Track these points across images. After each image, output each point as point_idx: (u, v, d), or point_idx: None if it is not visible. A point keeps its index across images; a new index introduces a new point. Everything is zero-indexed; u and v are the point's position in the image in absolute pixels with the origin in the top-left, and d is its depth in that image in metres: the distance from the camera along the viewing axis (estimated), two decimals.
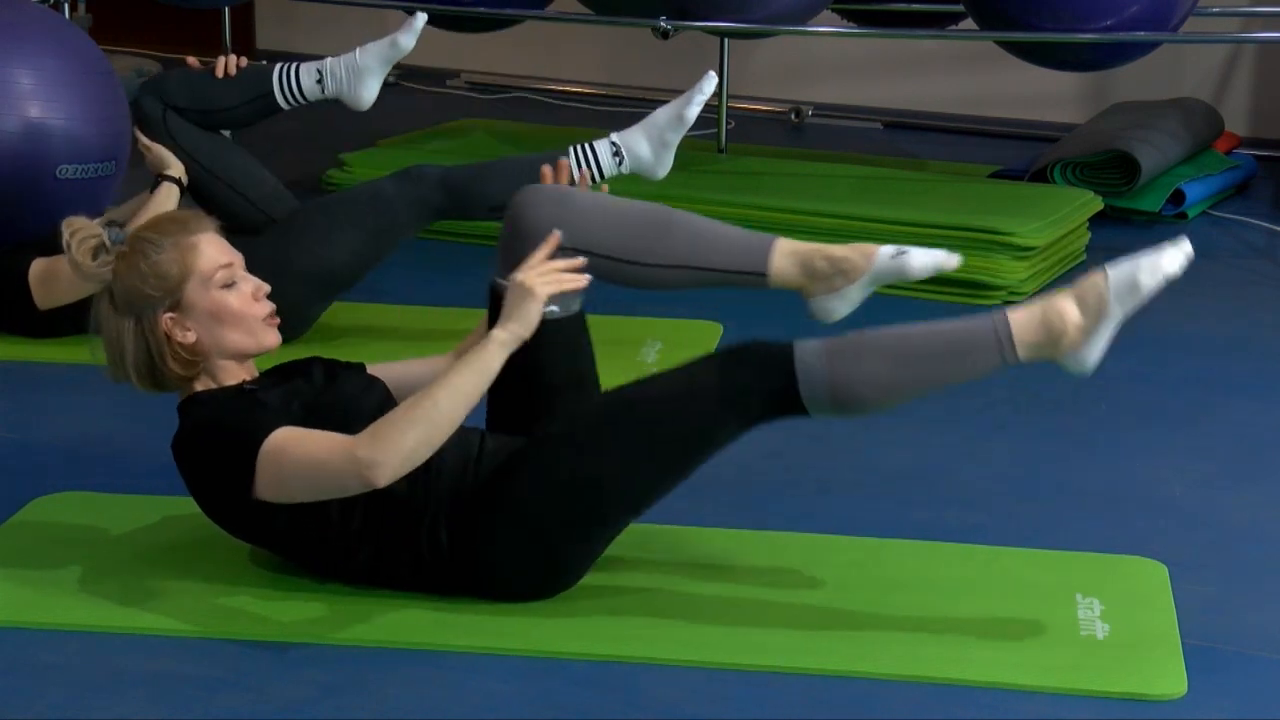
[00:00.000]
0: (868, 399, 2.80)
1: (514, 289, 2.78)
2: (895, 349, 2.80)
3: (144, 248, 2.86)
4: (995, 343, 2.76)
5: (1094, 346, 2.79)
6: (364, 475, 2.66)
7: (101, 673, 2.67)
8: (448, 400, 2.69)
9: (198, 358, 2.88)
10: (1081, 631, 2.82)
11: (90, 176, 4.43)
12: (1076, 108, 6.60)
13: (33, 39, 4.41)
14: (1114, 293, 2.78)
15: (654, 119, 4.01)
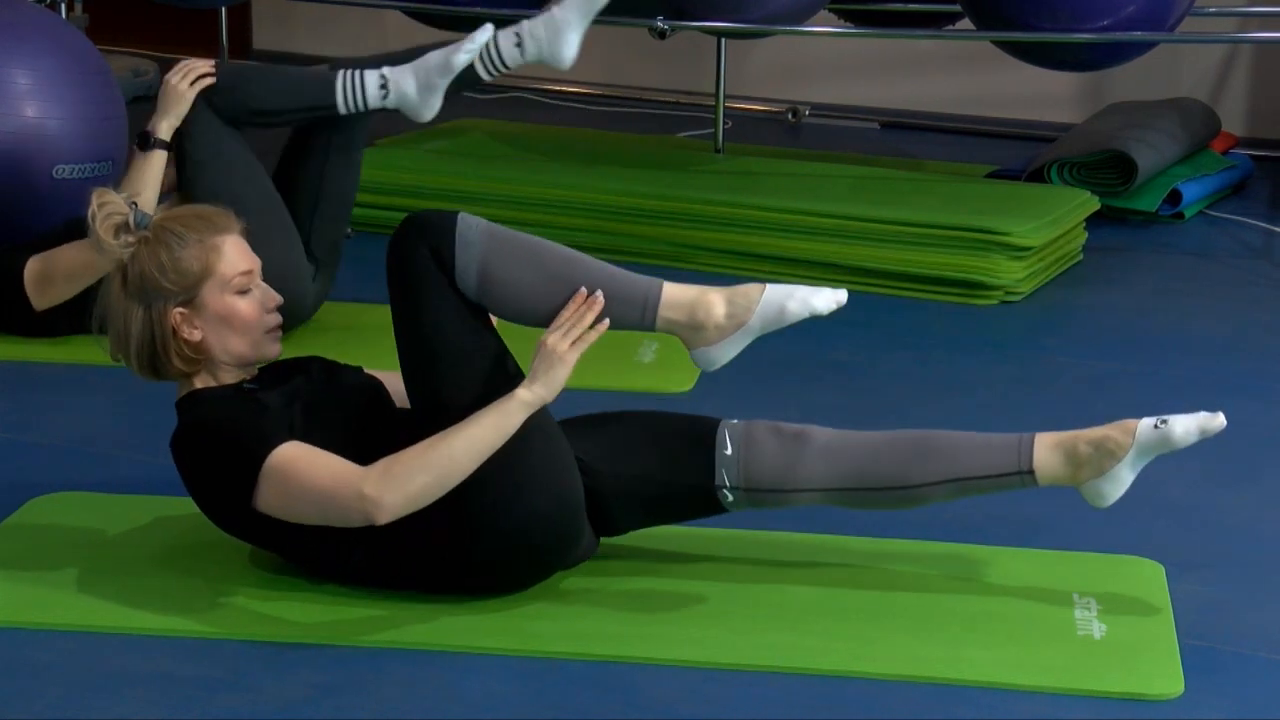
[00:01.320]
0: (507, 298, 2.79)
1: (544, 353, 2.77)
2: (550, 267, 2.79)
3: (168, 239, 2.86)
4: (641, 301, 2.80)
5: (725, 350, 2.83)
6: (368, 513, 2.69)
7: (99, 673, 2.67)
8: (464, 453, 2.71)
9: (200, 356, 2.88)
10: (1079, 631, 2.82)
11: (87, 176, 4.42)
12: (1073, 108, 6.60)
13: (29, 39, 4.42)
14: (760, 309, 2.81)
15: (425, 60, 4.03)
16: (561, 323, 2.78)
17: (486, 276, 2.78)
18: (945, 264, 4.66)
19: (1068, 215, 4.92)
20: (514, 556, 2.84)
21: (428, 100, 4.04)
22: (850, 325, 4.42)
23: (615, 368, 4.04)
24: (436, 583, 2.86)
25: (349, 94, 4.02)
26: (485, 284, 2.79)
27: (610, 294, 2.79)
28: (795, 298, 2.80)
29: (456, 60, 3.99)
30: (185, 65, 4.04)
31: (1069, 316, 4.60)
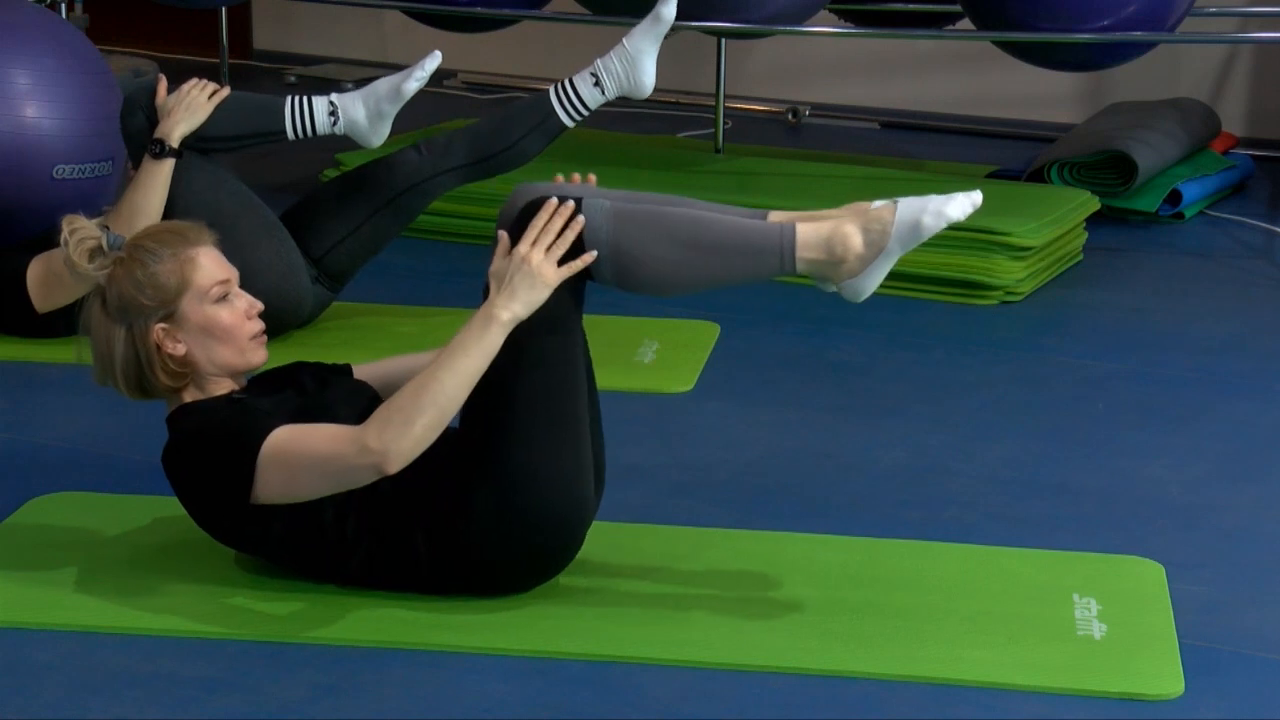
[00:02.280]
0: (647, 277, 2.79)
1: (525, 269, 2.74)
2: (681, 234, 2.78)
3: (142, 256, 2.86)
4: (778, 249, 2.78)
5: (870, 278, 2.80)
6: (378, 464, 2.67)
7: (97, 673, 2.67)
8: (453, 382, 2.70)
9: (186, 370, 2.88)
10: (1078, 631, 2.82)
11: (87, 176, 4.44)
12: (1074, 108, 6.60)
13: (30, 39, 4.42)
14: (897, 230, 2.77)
15: (375, 87, 4.06)
16: (536, 230, 2.75)
17: (620, 262, 2.77)
18: (945, 264, 4.66)
19: (1068, 215, 4.91)
20: (520, 556, 2.83)
21: (377, 127, 4.07)
22: (850, 325, 4.44)
23: (615, 368, 4.03)
24: (436, 584, 2.86)
25: (298, 121, 4.03)
26: (620, 269, 2.78)
27: (746, 248, 2.77)
28: (929, 210, 2.75)
29: (406, 88, 4.03)
30: (200, 81, 4.05)
31: (1069, 316, 4.59)
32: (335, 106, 4.02)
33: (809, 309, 4.55)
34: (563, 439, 2.79)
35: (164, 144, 3.96)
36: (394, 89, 4.02)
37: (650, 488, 3.38)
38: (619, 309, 4.29)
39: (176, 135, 3.96)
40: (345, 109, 4.03)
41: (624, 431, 3.58)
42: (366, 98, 4.04)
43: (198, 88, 4.00)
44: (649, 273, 2.78)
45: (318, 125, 4.03)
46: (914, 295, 4.67)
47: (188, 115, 3.97)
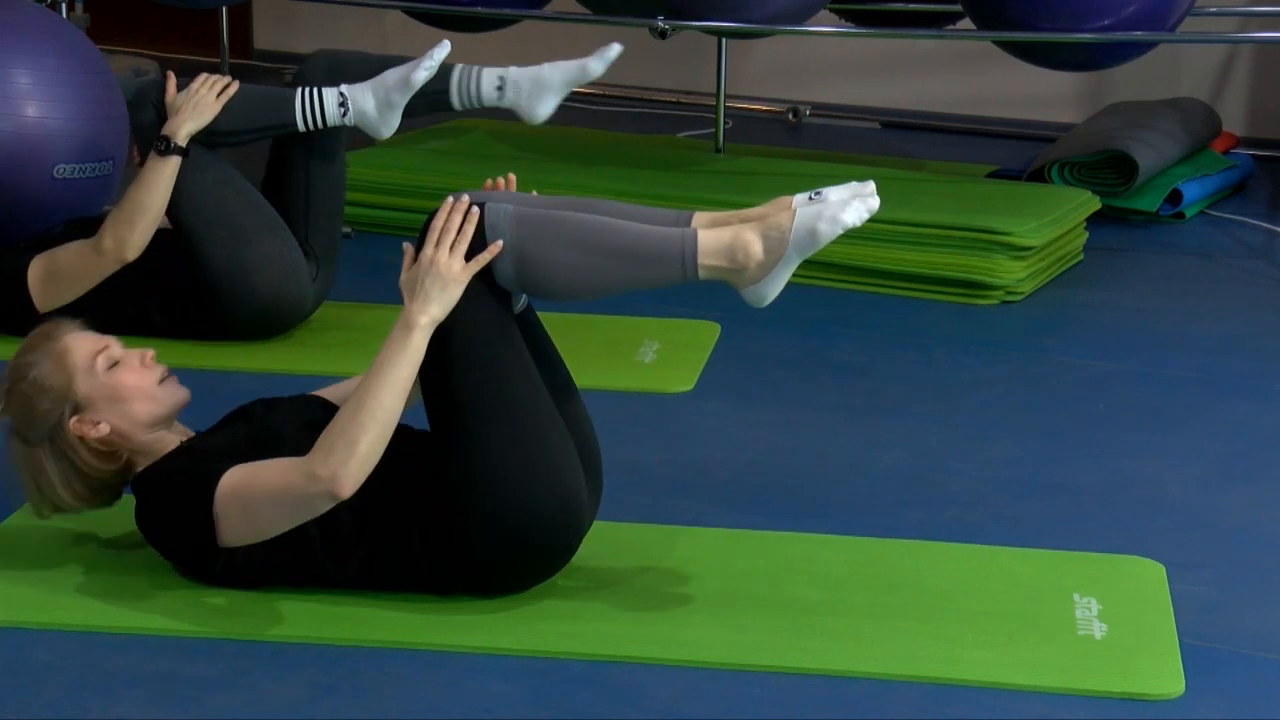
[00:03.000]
0: (547, 280, 2.79)
1: (434, 272, 2.74)
2: (585, 241, 2.78)
3: (22, 372, 2.89)
4: (679, 257, 2.78)
5: (772, 284, 2.80)
6: (330, 490, 2.68)
7: (97, 673, 2.67)
8: (387, 395, 2.70)
9: (117, 445, 2.89)
10: (1079, 631, 2.82)
11: (87, 176, 4.43)
12: (1074, 108, 6.60)
13: (30, 39, 4.42)
14: (794, 237, 2.77)
15: (384, 78, 4.05)
16: (435, 232, 2.75)
17: (523, 266, 2.77)
18: (946, 264, 4.66)
19: (1068, 215, 4.91)
20: (515, 557, 2.83)
21: (386, 118, 4.06)
22: (850, 325, 4.44)
23: (616, 368, 4.04)
24: (435, 584, 2.85)
25: (308, 112, 4.03)
26: (522, 273, 2.78)
27: (647, 255, 2.77)
28: (824, 218, 2.76)
29: (415, 78, 4.01)
30: (210, 77, 4.04)
31: (1070, 316, 4.59)
32: (345, 97, 4.02)
33: (809, 309, 4.55)
34: (526, 438, 2.78)
35: (170, 141, 3.95)
36: (403, 79, 4.01)
37: (650, 487, 3.38)
38: (619, 309, 4.30)
39: (183, 133, 3.96)
40: (355, 100, 4.03)
41: (624, 431, 3.59)
42: (376, 88, 4.03)
43: (206, 85, 3.99)
44: (549, 275, 2.78)
45: (328, 116, 4.03)
46: (914, 295, 4.67)
47: (195, 113, 3.97)
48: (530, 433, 2.79)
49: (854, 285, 4.74)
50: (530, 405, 2.80)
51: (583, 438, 2.93)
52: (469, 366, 2.77)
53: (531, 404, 2.80)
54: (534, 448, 2.78)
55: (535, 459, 2.78)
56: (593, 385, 3.61)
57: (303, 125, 4.03)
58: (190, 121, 3.96)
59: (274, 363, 4.03)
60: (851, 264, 4.73)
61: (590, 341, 4.14)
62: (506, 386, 2.79)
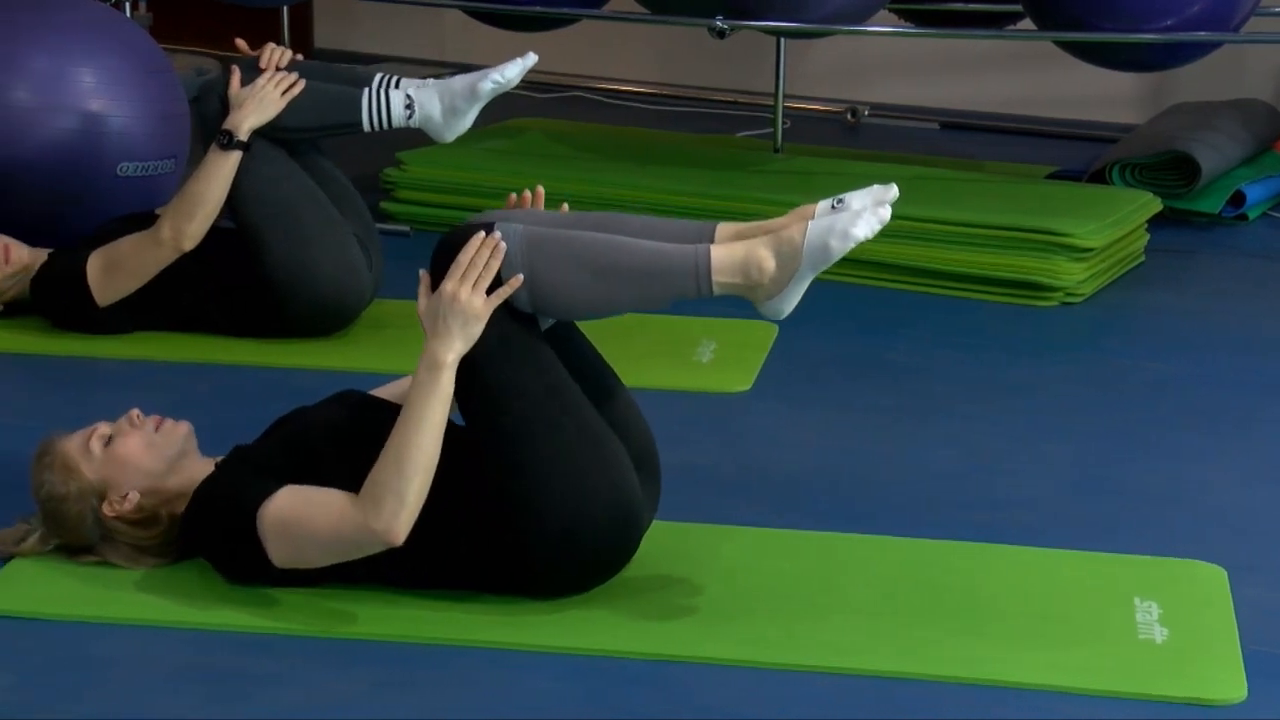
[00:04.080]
0: (562, 303, 2.79)
1: (455, 308, 2.73)
2: (596, 262, 2.77)
3: (41, 497, 2.92)
4: (693, 275, 2.77)
5: (787, 299, 2.79)
6: (385, 541, 2.71)
7: (159, 667, 2.69)
8: (426, 439, 2.71)
9: (153, 508, 2.91)
10: (1139, 635, 2.81)
11: (149, 174, 4.48)
12: (1135, 108, 6.57)
13: (95, 38, 4.47)
14: (807, 253, 2.75)
15: (451, 84, 4.05)
16: (461, 267, 2.74)
17: (536, 290, 2.77)
18: (1005, 265, 4.65)
19: (1129, 217, 4.89)
20: (574, 567, 2.84)
21: (451, 123, 4.07)
22: (908, 326, 4.44)
23: (673, 368, 4.04)
24: (497, 589, 2.86)
25: (374, 113, 4.04)
26: (536, 297, 2.78)
27: (661, 275, 2.77)
28: (835, 233, 2.74)
29: (482, 88, 4.02)
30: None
31: (1130, 318, 4.58)
32: (411, 100, 4.03)
33: (868, 309, 4.56)
34: (575, 454, 2.78)
35: (232, 136, 3.96)
36: (470, 88, 4.02)
37: (706, 487, 3.38)
38: (677, 310, 4.29)
39: (245, 128, 3.97)
40: (421, 104, 4.04)
41: (681, 430, 3.59)
42: (443, 94, 4.04)
43: (272, 83, 4.00)
44: (563, 298, 2.78)
45: (394, 119, 4.04)
46: (973, 296, 4.66)
47: (259, 109, 3.98)
48: (578, 448, 2.78)
49: (913, 286, 4.73)
50: (573, 421, 2.80)
51: (634, 436, 2.92)
52: (504, 394, 2.78)
53: (574, 420, 2.80)
54: (584, 462, 2.79)
55: (587, 473, 2.78)
56: (650, 385, 3.62)
57: (368, 126, 4.05)
58: (253, 117, 3.97)
59: (331, 360, 4.04)
60: (910, 265, 4.72)
61: (648, 341, 4.15)
62: (546, 407, 2.79)
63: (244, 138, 3.97)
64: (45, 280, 4.09)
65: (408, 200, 5.24)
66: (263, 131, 3.99)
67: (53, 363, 4.02)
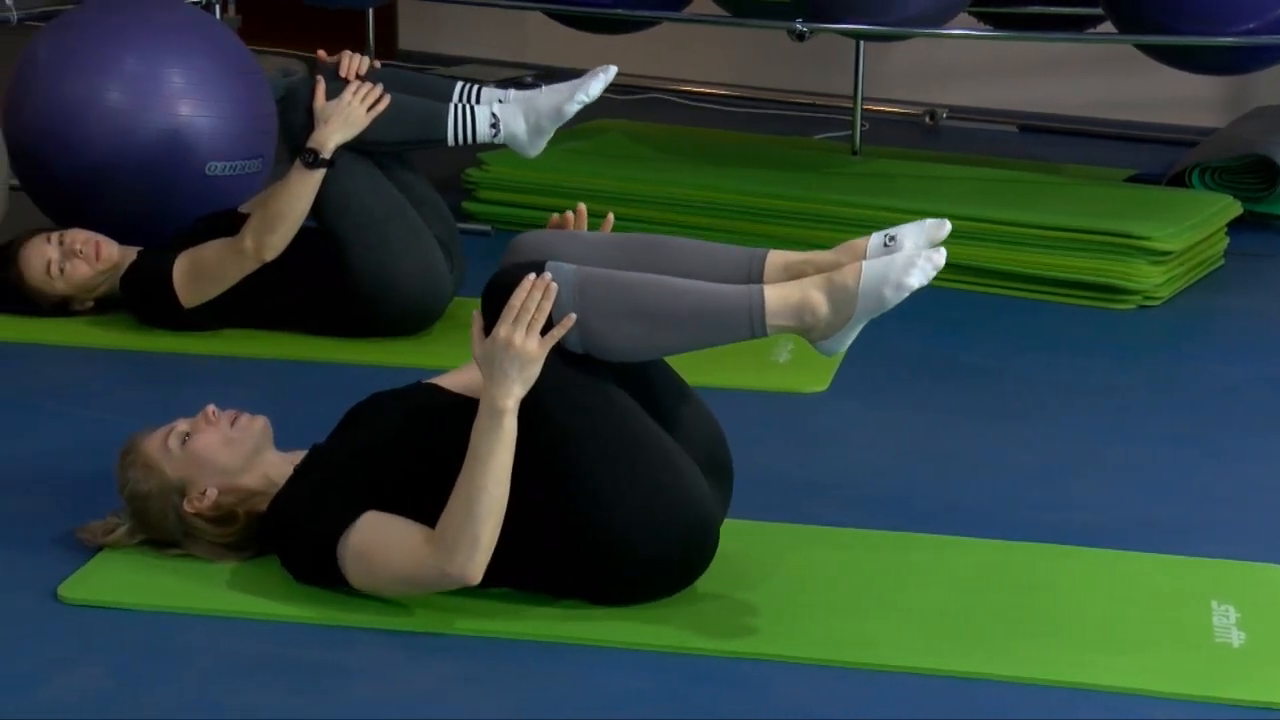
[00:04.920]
0: (613, 348, 2.80)
1: (510, 353, 2.74)
2: (649, 307, 2.77)
3: (124, 492, 2.97)
4: (747, 319, 2.77)
5: (840, 340, 2.81)
6: (460, 582, 2.75)
7: (241, 658, 2.73)
8: (493, 482, 2.73)
9: (230, 505, 2.95)
10: (1216, 638, 2.80)
11: (237, 173, 4.53)
12: (1216, 111, 6.53)
13: (184, 39, 4.53)
14: (861, 302, 2.76)
15: (536, 102, 4.08)
16: (514, 311, 2.74)
17: (588, 338, 2.78)
18: (1083, 268, 4.64)
19: (1209, 220, 4.87)
20: (650, 582, 2.86)
21: (535, 141, 4.11)
22: (985, 327, 4.44)
23: (751, 367, 4.05)
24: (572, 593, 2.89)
25: (459, 128, 4.07)
26: (588, 343, 2.79)
27: (714, 320, 2.78)
28: (889, 283, 2.74)
29: (567, 109, 4.05)
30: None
31: (1208, 321, 4.56)
32: (497, 118, 4.06)
33: (945, 311, 4.55)
34: (645, 476, 2.79)
35: (317, 155, 3.98)
36: (555, 108, 4.05)
37: (783, 487, 3.39)
38: None
39: (331, 145, 3.99)
40: (507, 122, 4.07)
41: (758, 430, 3.61)
42: (528, 113, 4.07)
43: (357, 98, 4.02)
44: (615, 343, 2.79)
45: (478, 135, 4.08)
46: (1050, 299, 4.66)
47: (344, 127, 4.00)
48: (647, 469, 2.79)
49: (990, 288, 4.73)
50: (641, 445, 2.81)
51: (703, 439, 2.93)
52: (568, 426, 2.78)
53: (642, 444, 2.81)
54: (656, 484, 2.79)
55: (660, 494, 2.79)
56: (728, 385, 3.65)
57: (453, 141, 4.09)
58: (339, 134, 3.99)
59: (411, 357, 4.06)
60: (988, 267, 4.72)
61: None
62: (610, 434, 2.79)
63: (328, 155, 3.99)
64: (133, 280, 4.15)
65: (489, 200, 5.28)
66: (347, 144, 4.03)
67: (141, 358, 4.07)
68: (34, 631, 2.79)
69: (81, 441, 3.55)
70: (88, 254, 4.17)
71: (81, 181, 4.45)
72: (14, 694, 2.61)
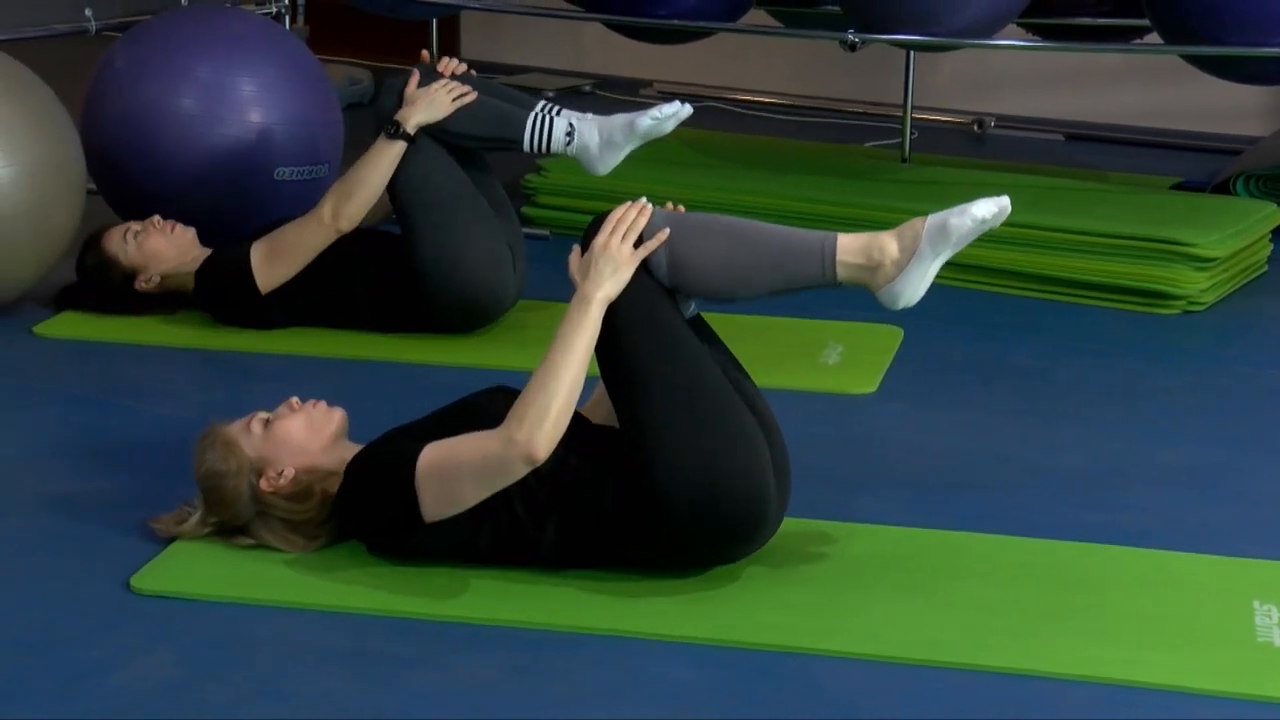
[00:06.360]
0: (698, 273, 2.93)
1: (607, 254, 2.91)
2: (732, 235, 2.94)
3: (203, 473, 3.03)
4: (819, 253, 2.91)
5: (908, 282, 2.91)
6: (527, 454, 2.81)
7: (304, 648, 2.78)
8: (570, 365, 2.85)
9: (308, 481, 3.02)
10: (1258, 637, 2.82)
11: (305, 179, 4.60)
12: (1261, 120, 6.53)
13: (254, 48, 4.60)
14: (927, 233, 2.89)
15: (612, 118, 4.15)
16: (613, 223, 2.93)
17: (675, 260, 2.93)
18: (1128, 273, 4.65)
19: (1253, 227, 4.87)
20: (705, 532, 2.90)
21: (605, 157, 4.18)
22: (1031, 331, 4.45)
23: (801, 369, 4.09)
24: (626, 559, 2.95)
25: (536, 133, 4.16)
26: (675, 267, 2.93)
27: (790, 250, 2.93)
28: (954, 211, 2.90)
29: (640, 123, 4.11)
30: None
31: (1252, 327, 4.56)
32: (573, 129, 4.15)
33: (991, 315, 4.58)
34: (707, 405, 2.89)
35: (400, 127, 4.11)
36: (628, 124, 4.12)
37: (833, 485, 3.42)
38: (805, 312, 4.35)
39: (413, 123, 4.11)
40: (581, 133, 4.15)
41: (809, 430, 3.63)
42: (602, 128, 4.15)
43: (445, 89, 4.15)
44: (699, 268, 2.93)
45: (553, 144, 4.16)
46: (1096, 304, 4.67)
47: (428, 109, 4.12)
48: (709, 400, 2.89)
49: (1037, 293, 4.75)
50: (706, 375, 2.92)
51: (768, 430, 2.98)
52: (643, 341, 2.91)
53: (707, 374, 2.92)
54: (721, 429, 2.88)
55: (722, 438, 2.87)
56: (778, 385, 3.67)
57: (528, 146, 4.18)
58: (422, 114, 4.12)
59: (473, 357, 4.12)
60: (1035, 272, 4.75)
61: (776, 343, 4.20)
62: (681, 359, 2.91)
63: (410, 131, 4.10)
64: (209, 268, 4.23)
65: (548, 205, 5.33)
66: (430, 131, 4.13)
67: (214, 357, 4.15)
68: (107, 620, 2.85)
69: (155, 437, 3.62)
70: (163, 227, 4.29)
71: (155, 186, 4.54)
72: (87, 680, 2.67)
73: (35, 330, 4.28)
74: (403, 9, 6.20)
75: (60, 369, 4.06)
